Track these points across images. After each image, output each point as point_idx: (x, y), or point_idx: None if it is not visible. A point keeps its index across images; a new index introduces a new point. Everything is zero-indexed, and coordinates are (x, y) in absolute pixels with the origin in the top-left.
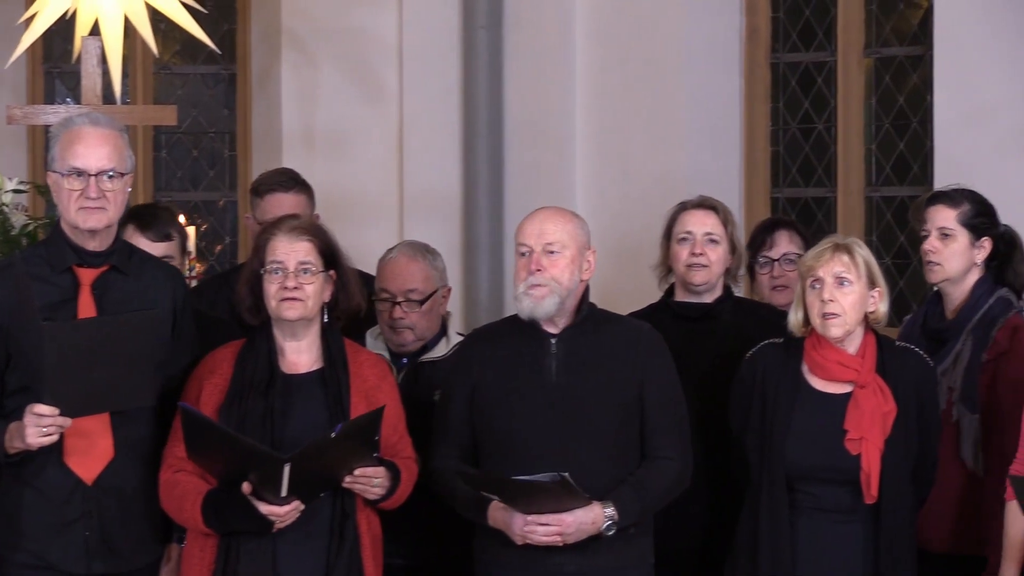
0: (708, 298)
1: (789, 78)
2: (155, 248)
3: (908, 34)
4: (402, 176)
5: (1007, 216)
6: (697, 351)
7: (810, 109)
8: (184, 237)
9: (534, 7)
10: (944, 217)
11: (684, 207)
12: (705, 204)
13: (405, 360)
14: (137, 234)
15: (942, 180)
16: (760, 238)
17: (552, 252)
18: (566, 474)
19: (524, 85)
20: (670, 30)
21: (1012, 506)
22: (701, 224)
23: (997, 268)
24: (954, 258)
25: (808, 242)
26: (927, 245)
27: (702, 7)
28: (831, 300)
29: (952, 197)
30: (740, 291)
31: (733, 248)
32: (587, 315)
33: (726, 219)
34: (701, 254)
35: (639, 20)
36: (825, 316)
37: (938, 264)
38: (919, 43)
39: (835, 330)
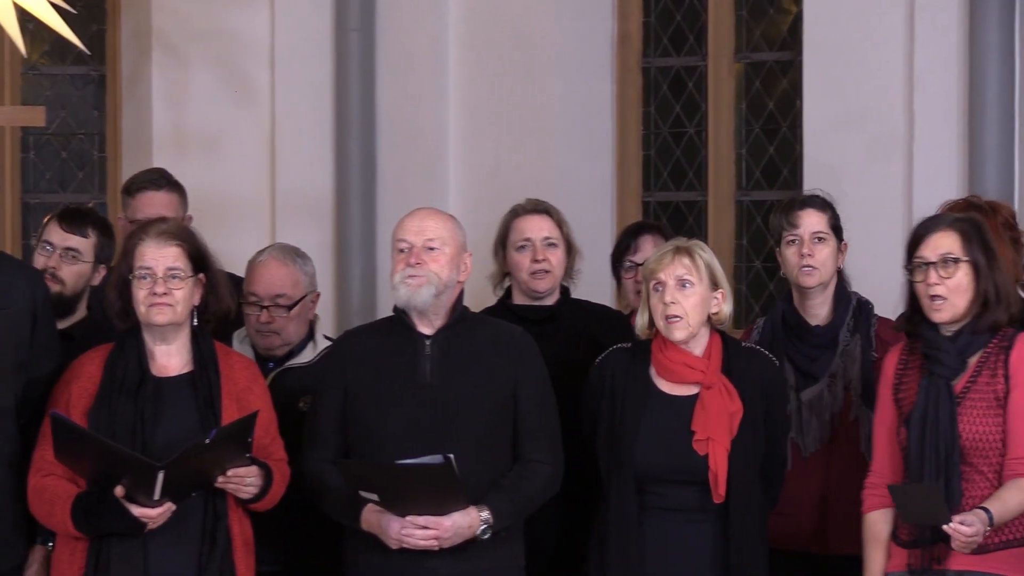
0: (548, 300)
1: (660, 82)
2: (67, 240)
3: (778, 39)
4: (274, 178)
5: (875, 220)
6: (541, 353)
7: (681, 113)
8: (104, 244)
9: (406, 10)
10: (817, 222)
11: (517, 213)
12: (539, 208)
13: (272, 364)
14: (54, 223)
15: (812, 185)
16: (625, 243)
17: (432, 248)
18: (451, 456)
19: (396, 87)
20: (542, 34)
21: (869, 517)
22: (538, 229)
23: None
24: (829, 262)
25: None
26: (805, 249)
27: (574, 12)
28: (673, 303)
29: (821, 203)
30: (605, 289)
31: (569, 248)
32: (461, 317)
33: (560, 221)
34: (544, 260)
35: (511, 24)
36: (668, 319)
37: (817, 268)
38: (789, 48)
39: (678, 332)
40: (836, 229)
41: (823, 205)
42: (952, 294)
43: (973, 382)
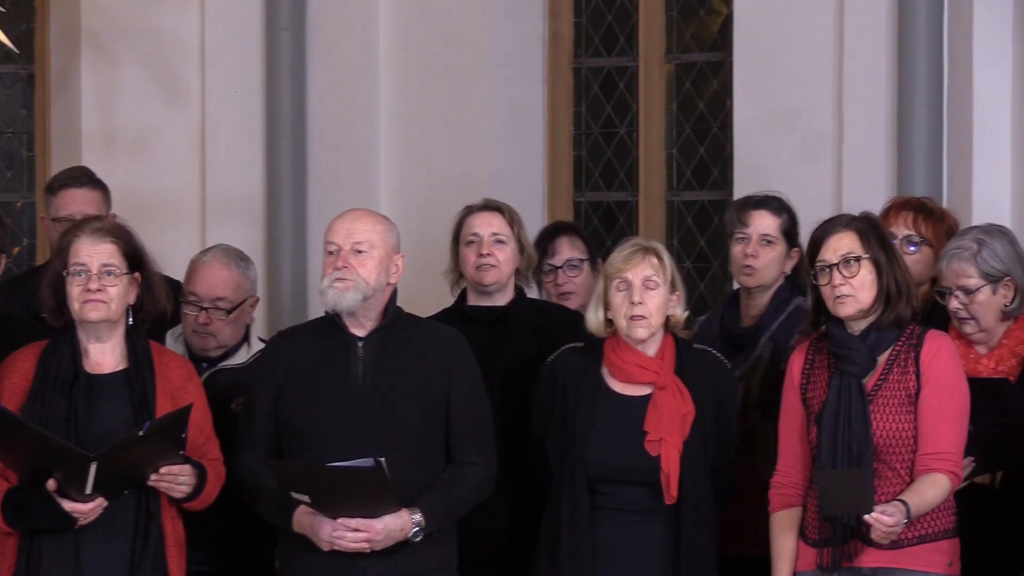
0: (501, 300)
1: (591, 83)
2: None
3: (708, 40)
4: (204, 178)
5: (804, 220)
6: (493, 354)
7: (612, 114)
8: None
9: (337, 9)
10: (768, 224)
11: (470, 211)
12: (490, 206)
13: (205, 364)
14: None
15: (741, 185)
16: (542, 246)
17: (360, 252)
18: (383, 459)
19: (327, 87)
20: (474, 34)
21: (777, 517)
22: (487, 225)
23: (791, 275)
24: (772, 265)
25: (589, 244)
26: (749, 249)
27: (505, 11)
28: (640, 303)
29: (776, 205)
30: (533, 293)
31: (522, 249)
32: (394, 318)
33: (512, 220)
34: (489, 254)
35: (442, 24)
36: (633, 318)
37: (757, 270)
38: (719, 49)
39: (641, 331)
40: (788, 235)
41: (778, 209)
42: (857, 291)
43: (884, 380)
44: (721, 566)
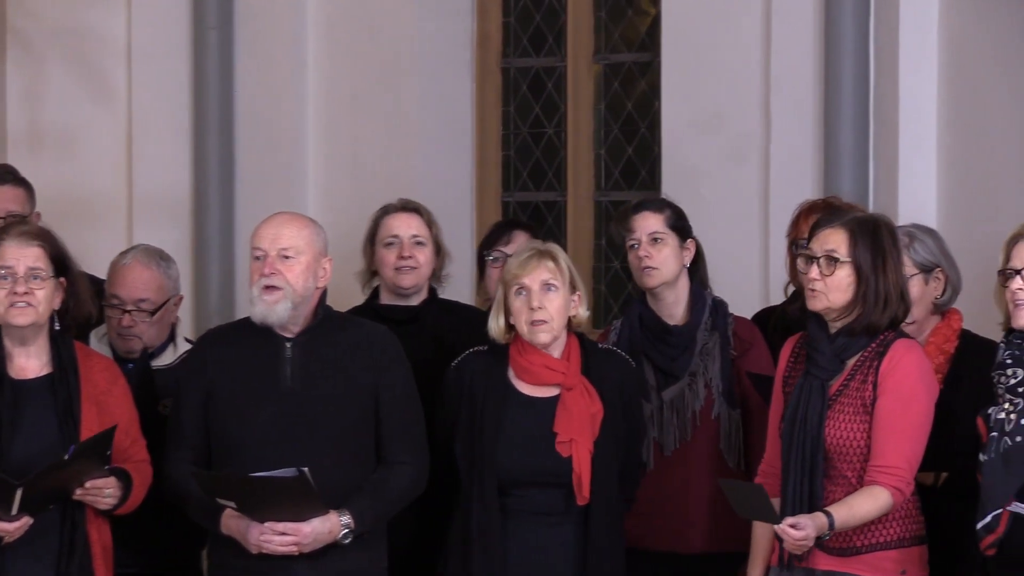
0: (414, 300)
1: (520, 83)
2: None
3: (636, 41)
4: (131, 177)
5: (732, 220)
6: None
7: (540, 114)
8: None
9: (265, 7)
10: (654, 223)
11: (387, 211)
12: (408, 207)
13: (131, 365)
14: None
15: (670, 185)
16: (498, 233)
17: (287, 257)
18: (306, 469)
19: (255, 86)
20: (402, 33)
21: None
22: (406, 227)
23: (690, 273)
24: (669, 261)
25: None
26: (642, 251)
27: (434, 11)
28: (540, 307)
29: (656, 204)
30: (444, 292)
31: (438, 249)
32: (323, 319)
33: (430, 221)
34: (410, 257)
35: (371, 23)
36: (534, 323)
37: (656, 268)
38: (647, 50)
39: (543, 336)
40: (678, 229)
41: (659, 206)
42: (830, 290)
43: (846, 386)
44: (689, 564)
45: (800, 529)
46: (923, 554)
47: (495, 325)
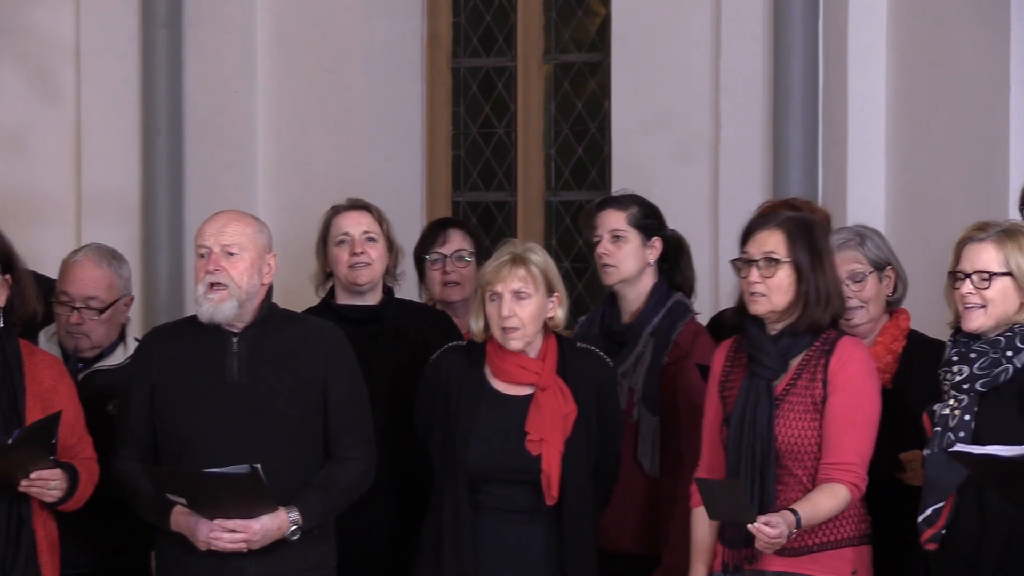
0: (372, 300)
1: (470, 83)
2: None
3: (586, 41)
4: (79, 176)
5: (682, 221)
6: (366, 354)
7: (490, 114)
8: None
9: (214, 6)
10: (615, 220)
11: (337, 211)
12: (357, 205)
13: (81, 364)
14: None
15: (619, 185)
16: (433, 235)
17: (231, 254)
18: (258, 466)
19: (204, 85)
20: (351, 33)
21: (699, 511)
22: (357, 224)
23: (668, 272)
24: (628, 259)
25: (479, 242)
26: (601, 248)
27: (383, 11)
28: (510, 315)
29: (620, 201)
30: (400, 291)
31: (390, 247)
32: (269, 314)
33: (380, 218)
34: (362, 252)
35: (321, 22)
36: (505, 330)
37: (613, 266)
38: (597, 50)
39: (515, 343)
40: (642, 227)
41: (624, 203)
42: (772, 292)
43: (793, 385)
44: (606, 563)
45: (775, 527)
46: (870, 553)
47: (475, 326)
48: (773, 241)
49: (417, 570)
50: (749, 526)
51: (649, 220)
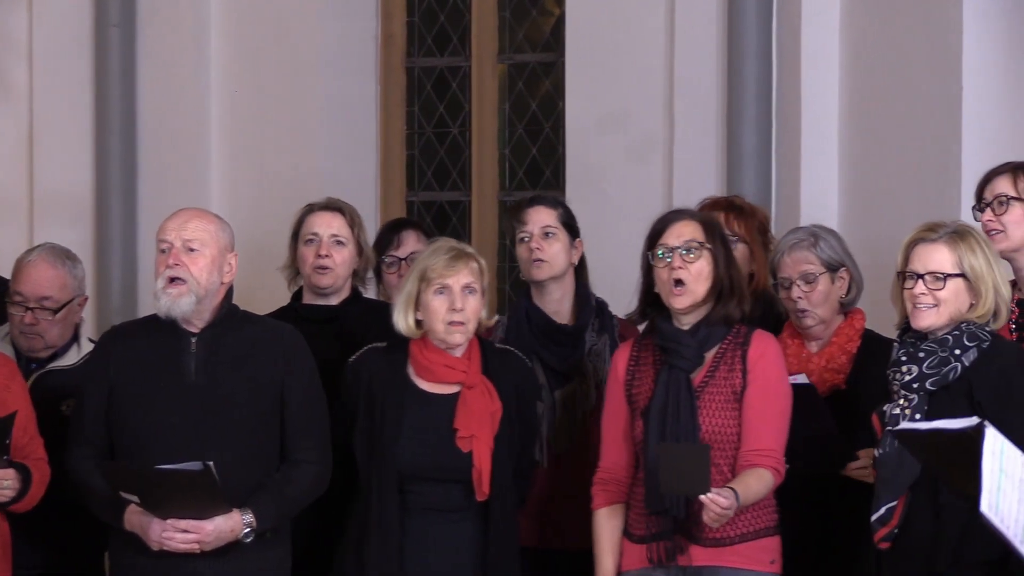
0: (335, 300)
1: (424, 82)
2: None
3: (541, 41)
4: (32, 175)
5: (635, 220)
6: (325, 353)
7: (445, 114)
8: None
9: (168, 6)
10: (547, 217)
11: (311, 209)
12: (332, 206)
13: (35, 365)
14: None
15: (573, 185)
16: (387, 238)
17: (193, 250)
18: (211, 463)
19: (158, 85)
20: (305, 33)
21: (601, 513)
22: (327, 226)
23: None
24: (560, 256)
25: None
26: (533, 244)
27: (337, 11)
28: (462, 309)
29: (549, 200)
30: (369, 293)
31: (360, 250)
32: (228, 315)
33: (353, 221)
34: (327, 256)
35: (274, 22)
36: (452, 324)
37: (546, 261)
38: (551, 50)
39: (459, 337)
40: (568, 227)
41: (553, 203)
42: (693, 281)
43: (711, 376)
44: (534, 561)
45: (726, 499)
46: (780, 544)
47: (403, 321)
48: (691, 230)
49: (340, 568)
50: (701, 497)
51: (573, 222)
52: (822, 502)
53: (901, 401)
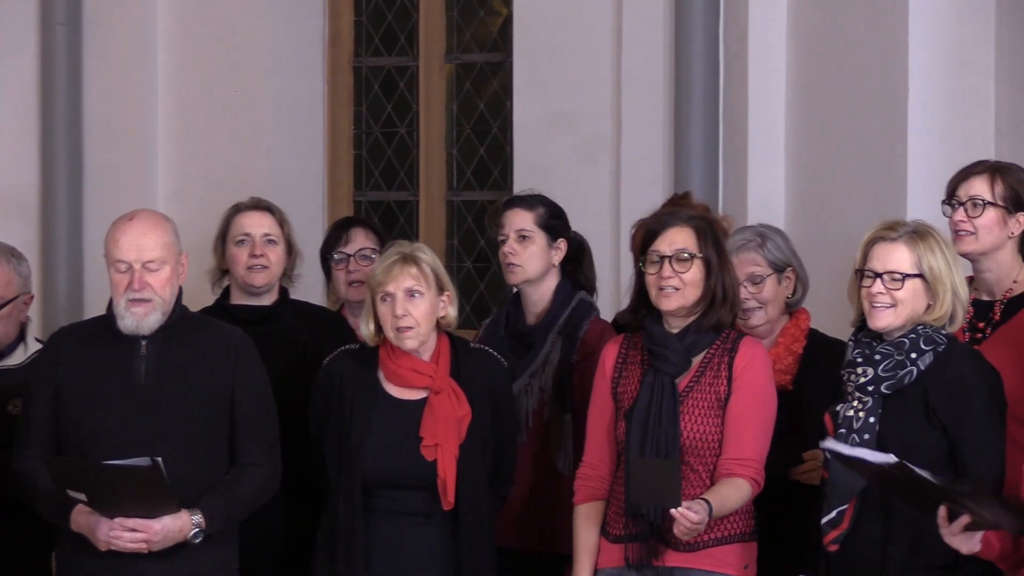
0: (266, 300)
1: (372, 82)
2: None
3: (488, 41)
4: None
5: (583, 220)
6: (260, 354)
7: (393, 113)
8: None
9: (115, 4)
10: (522, 220)
11: (239, 209)
12: (260, 205)
13: None
14: None
15: (521, 185)
16: (336, 235)
17: (153, 269)
18: (159, 459)
19: (104, 84)
20: (253, 32)
21: (580, 509)
22: (258, 226)
23: (571, 273)
24: (534, 259)
25: (383, 240)
26: (507, 248)
27: (285, 10)
28: (404, 315)
29: (528, 201)
30: (305, 291)
31: (290, 248)
32: (179, 318)
33: (282, 220)
34: (261, 255)
35: (222, 21)
36: (400, 330)
37: (519, 266)
38: (499, 50)
39: (410, 342)
40: (549, 228)
41: (531, 203)
42: (684, 287)
43: (697, 381)
44: (516, 562)
45: (697, 513)
46: (756, 550)
47: (365, 330)
48: (683, 238)
49: (311, 573)
50: (672, 511)
51: (555, 221)
52: (769, 503)
53: (855, 403)
